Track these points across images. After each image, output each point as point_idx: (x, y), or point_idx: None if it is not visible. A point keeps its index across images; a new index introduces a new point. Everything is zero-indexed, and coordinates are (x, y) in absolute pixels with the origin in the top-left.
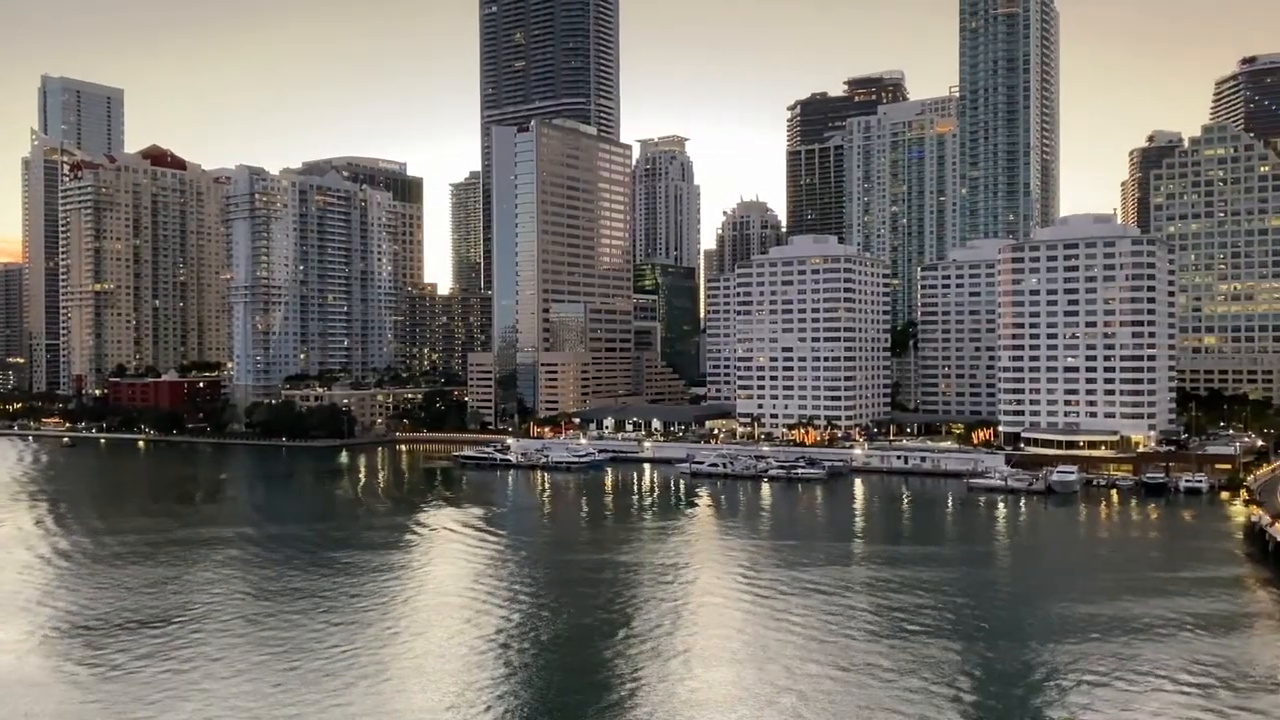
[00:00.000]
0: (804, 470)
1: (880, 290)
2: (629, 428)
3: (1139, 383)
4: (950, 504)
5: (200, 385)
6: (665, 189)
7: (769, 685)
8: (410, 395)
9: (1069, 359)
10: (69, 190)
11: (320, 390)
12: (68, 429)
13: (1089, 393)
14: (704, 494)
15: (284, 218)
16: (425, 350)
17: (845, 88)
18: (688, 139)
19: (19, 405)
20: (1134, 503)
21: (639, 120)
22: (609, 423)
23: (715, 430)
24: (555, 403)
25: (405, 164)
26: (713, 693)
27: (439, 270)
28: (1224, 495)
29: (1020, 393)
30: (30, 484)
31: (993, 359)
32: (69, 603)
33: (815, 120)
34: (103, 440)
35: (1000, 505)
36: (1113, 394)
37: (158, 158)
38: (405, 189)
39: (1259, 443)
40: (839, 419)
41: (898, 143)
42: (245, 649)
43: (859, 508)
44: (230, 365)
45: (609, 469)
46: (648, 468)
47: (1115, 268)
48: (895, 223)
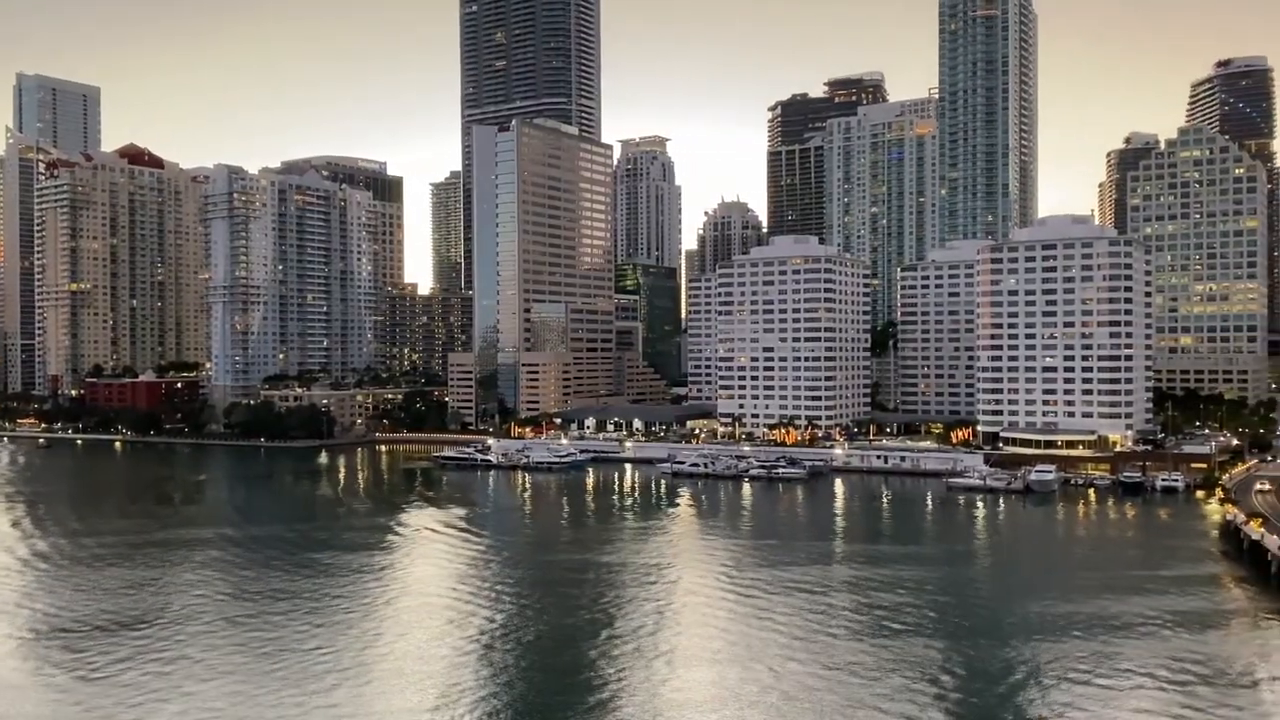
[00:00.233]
0: (785, 470)
1: (860, 291)
2: (610, 428)
3: (1116, 383)
4: (930, 503)
5: (178, 386)
6: (646, 189)
7: (753, 685)
8: (390, 395)
9: (1047, 359)
10: (45, 189)
11: (299, 390)
12: (43, 430)
13: (1067, 393)
14: (685, 494)
15: (263, 217)
16: (405, 350)
17: (826, 89)
18: (669, 139)
19: None
20: (1111, 502)
21: (620, 120)
22: (590, 423)
23: (696, 430)
24: (536, 403)
25: (385, 163)
26: (697, 693)
27: (419, 270)
28: (1200, 494)
29: (999, 392)
30: (6, 485)
31: (972, 359)
32: (47, 605)
33: (796, 121)
34: (79, 441)
35: (979, 504)
36: (1090, 394)
37: (135, 156)
38: (385, 188)
39: (1234, 442)
40: (819, 419)
41: (878, 144)
42: (226, 651)
43: (839, 507)
44: (209, 365)
45: (590, 469)
46: (629, 468)
47: (1093, 268)
48: (875, 223)
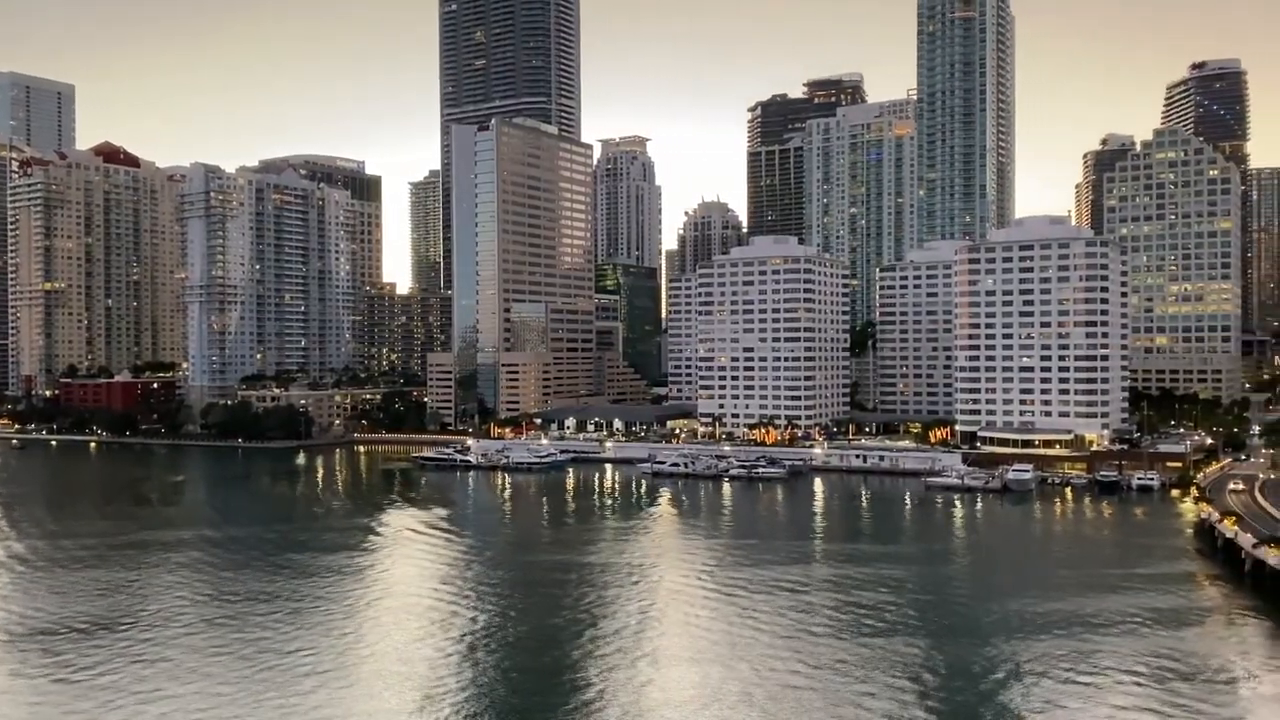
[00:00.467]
0: (765, 470)
1: (839, 291)
2: (590, 428)
3: (1092, 382)
4: (908, 502)
5: (154, 386)
6: (627, 189)
7: (737, 684)
8: (369, 396)
9: (1024, 359)
10: (18, 187)
11: (277, 391)
12: (17, 430)
13: (1044, 392)
14: (665, 494)
15: (240, 216)
16: (384, 350)
17: (805, 89)
18: (649, 139)
19: None
20: (1088, 500)
21: (600, 120)
22: (570, 423)
23: (677, 430)
24: (516, 403)
25: (364, 162)
26: (681, 693)
27: (398, 270)
28: (1175, 493)
29: (976, 392)
30: None
31: (950, 359)
32: (25, 607)
33: (775, 121)
34: (53, 442)
35: (957, 503)
36: (1067, 393)
37: (110, 155)
38: (364, 188)
39: (1208, 441)
40: (799, 418)
41: (856, 144)
42: (207, 653)
43: (819, 506)
44: (185, 366)
45: (570, 469)
46: (609, 468)
47: (1069, 269)
48: (854, 224)
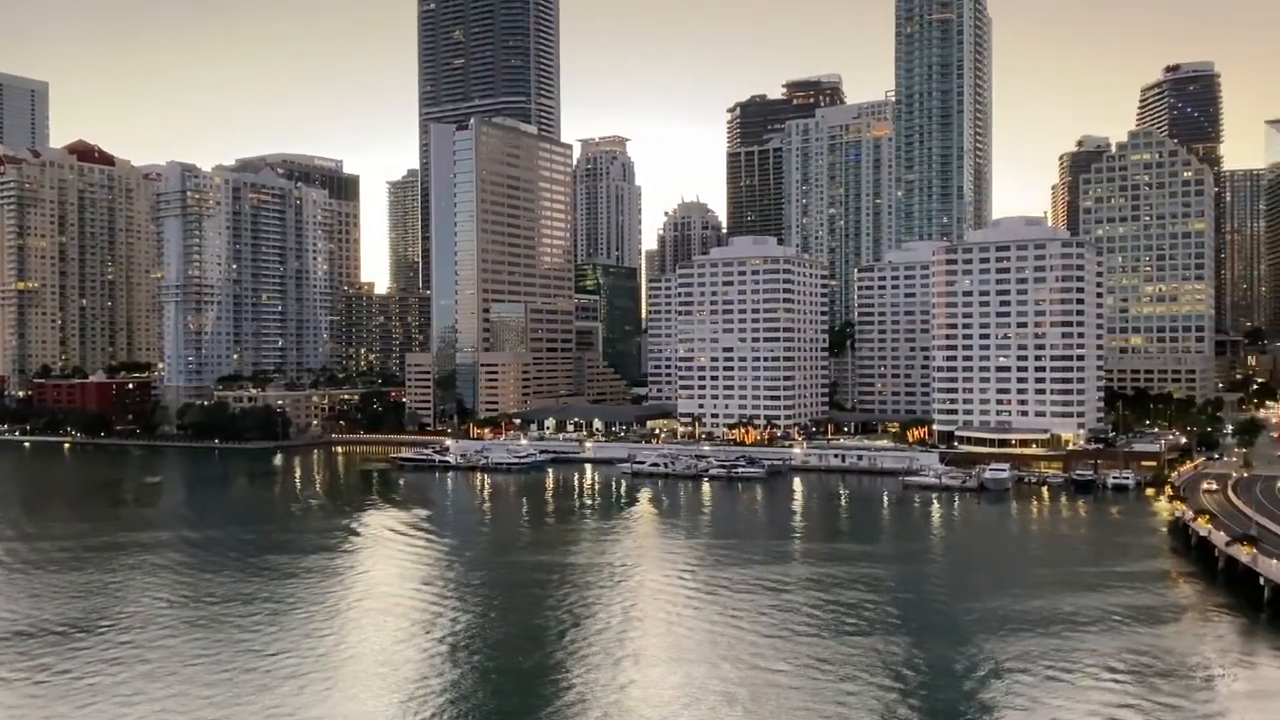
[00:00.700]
0: (744, 469)
1: (818, 291)
2: (570, 428)
3: (1068, 382)
4: (887, 501)
5: (130, 386)
6: (606, 189)
7: (720, 683)
8: (346, 396)
9: (1001, 359)
10: None
11: (254, 391)
12: None
13: (1020, 392)
14: (645, 494)
15: (217, 215)
16: (362, 351)
17: (784, 90)
18: (629, 139)
19: None
20: (1064, 499)
21: (580, 120)
22: (550, 423)
23: (656, 430)
24: (495, 403)
25: (341, 162)
26: (665, 693)
27: (376, 269)
28: (1149, 492)
29: (954, 392)
30: None
31: (927, 359)
32: (0, 609)
33: (755, 122)
34: (26, 443)
35: (935, 502)
36: (1043, 393)
37: (84, 153)
38: (341, 187)
39: (1182, 440)
40: (778, 418)
41: (835, 145)
42: (185, 655)
43: (798, 506)
44: (161, 366)
45: (550, 470)
46: (589, 468)
47: (1045, 269)
48: (833, 224)
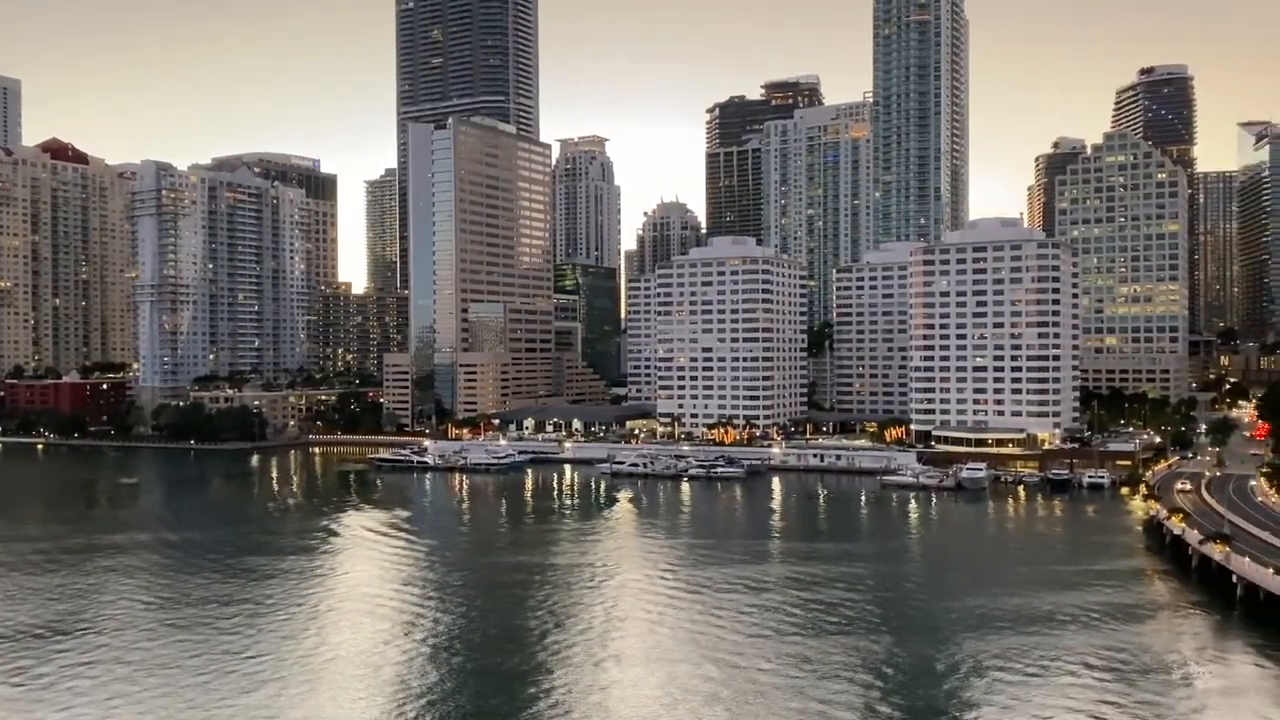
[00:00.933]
0: (723, 469)
1: (797, 291)
2: (549, 428)
3: (1044, 382)
4: (865, 501)
5: (104, 387)
6: (585, 189)
7: (704, 683)
8: (324, 397)
9: (977, 359)
10: None
11: (230, 392)
12: None
13: (996, 392)
14: (625, 494)
15: (192, 215)
16: (339, 351)
17: (762, 91)
18: (608, 139)
19: None
20: (1040, 498)
21: (559, 120)
22: (529, 424)
23: (636, 430)
24: (474, 404)
25: (319, 161)
26: (649, 692)
27: (354, 269)
28: (1124, 491)
29: (931, 392)
30: None
31: (905, 359)
32: None
33: (734, 123)
34: None
35: (913, 502)
36: (1019, 393)
37: (58, 151)
38: (319, 186)
39: (1157, 440)
40: (757, 418)
41: (814, 146)
42: (164, 657)
43: (777, 505)
44: (136, 366)
45: (529, 470)
46: (568, 468)
47: (1022, 270)
48: (811, 225)
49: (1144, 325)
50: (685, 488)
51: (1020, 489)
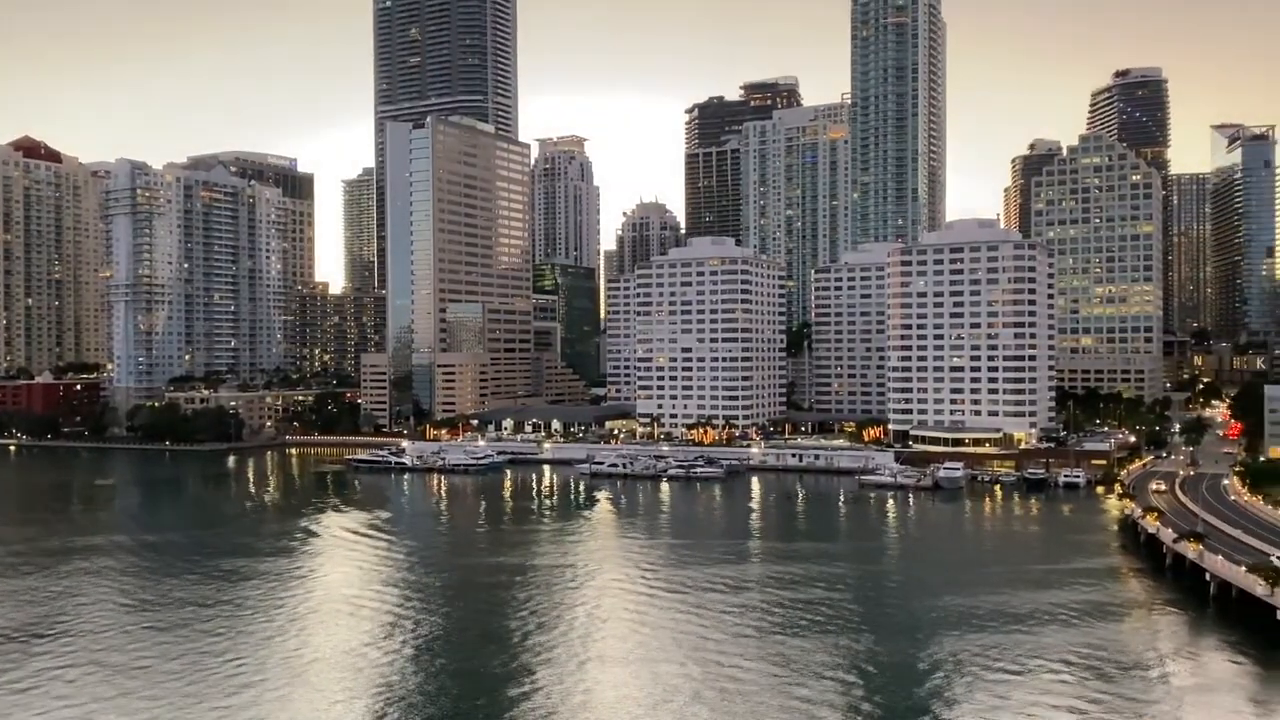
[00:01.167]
0: (702, 469)
1: (776, 292)
2: (528, 429)
3: (1020, 382)
4: (843, 500)
5: (77, 388)
6: (564, 189)
7: (688, 682)
8: (301, 397)
9: (954, 359)
10: None
11: (206, 392)
12: None
13: (973, 392)
14: (604, 495)
15: (168, 214)
16: (316, 351)
17: (741, 92)
18: (587, 139)
19: None
20: (1016, 498)
21: (537, 120)
22: (508, 424)
23: (615, 430)
24: (452, 404)
25: (296, 160)
26: (633, 692)
27: (331, 269)
28: (1100, 490)
29: (909, 392)
30: None
31: (883, 359)
32: None
33: (712, 123)
34: None
35: (890, 501)
36: (996, 393)
37: (30, 149)
38: (296, 185)
39: (1131, 439)
40: (737, 418)
41: (792, 147)
42: (141, 660)
43: (756, 505)
44: (110, 367)
45: (508, 471)
46: (547, 469)
47: (998, 271)
48: (790, 225)
49: (1119, 326)
50: (664, 488)
51: (997, 488)
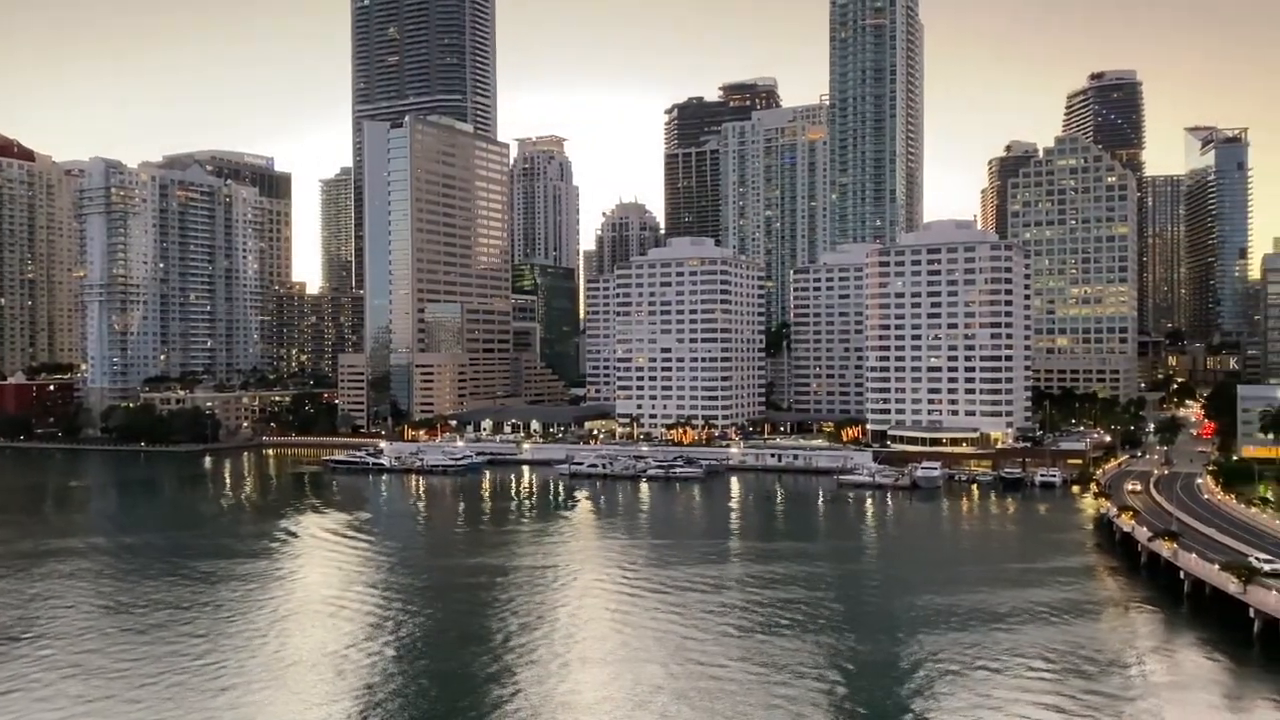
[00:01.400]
0: (682, 470)
1: (755, 292)
2: (507, 429)
3: (997, 382)
4: (821, 500)
5: (51, 388)
6: (544, 189)
7: (672, 682)
8: (277, 398)
9: (932, 359)
10: None
11: (182, 393)
12: None
13: (950, 392)
14: (583, 495)
15: (143, 213)
16: (293, 351)
17: (720, 93)
18: (566, 139)
19: None
20: (993, 497)
21: (516, 120)
22: (487, 424)
23: (594, 431)
24: (431, 405)
25: (273, 159)
26: (617, 692)
27: (308, 269)
28: (1075, 489)
29: (886, 392)
30: None
31: (861, 359)
32: None
33: (692, 124)
34: None
35: (869, 500)
36: (973, 393)
37: (3, 148)
38: (272, 184)
39: (1107, 439)
40: (716, 418)
41: (771, 148)
42: (121, 663)
43: (735, 505)
44: (84, 367)
45: (486, 472)
46: (526, 469)
47: (975, 271)
48: (769, 226)
49: (1094, 326)
50: (644, 488)
51: (974, 488)
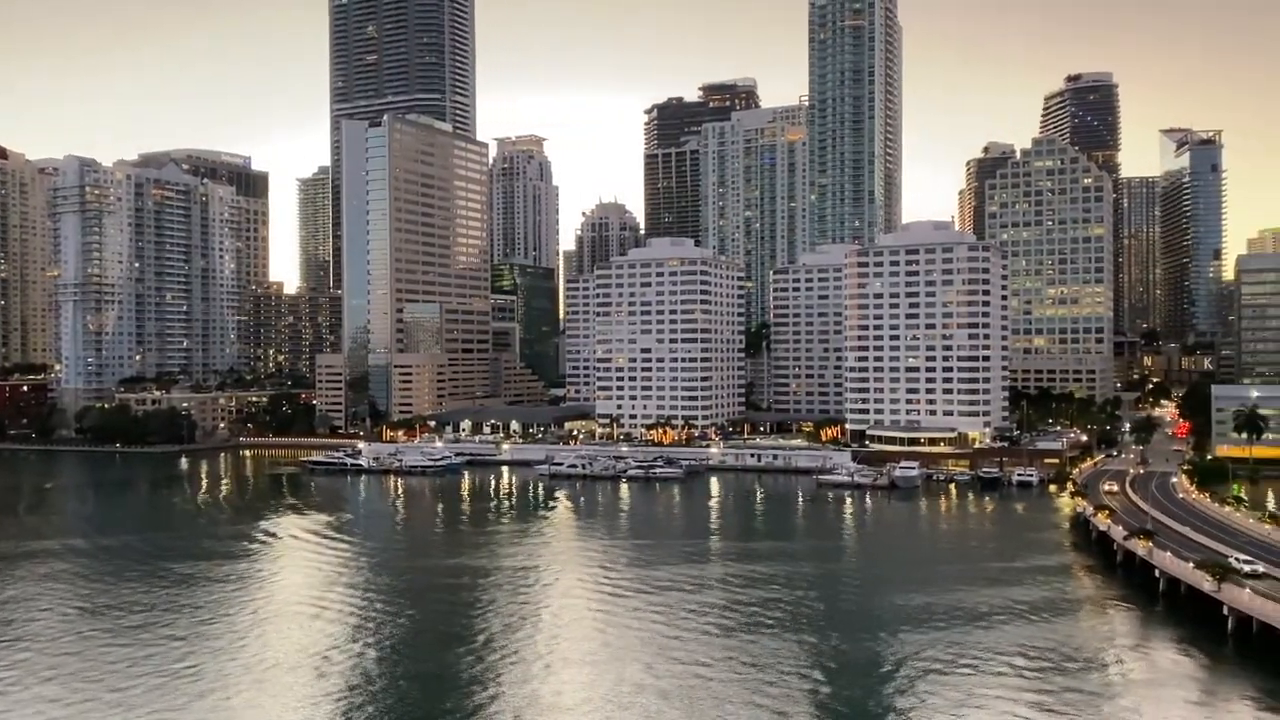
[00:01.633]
0: (662, 470)
1: (735, 292)
2: (486, 430)
3: (975, 382)
4: (801, 500)
5: (24, 389)
6: (523, 188)
7: (654, 681)
8: (255, 398)
9: (910, 359)
10: None
11: (158, 393)
12: None
13: (929, 392)
14: (563, 495)
15: (118, 212)
16: (270, 351)
17: (700, 93)
18: (546, 139)
19: None
20: (971, 496)
21: (496, 119)
22: (466, 425)
23: (574, 431)
24: (409, 405)
25: (250, 158)
26: (600, 691)
27: (286, 268)
28: (1052, 488)
29: (865, 392)
30: None
31: (840, 359)
32: None
33: (671, 124)
34: None
35: (848, 500)
36: (951, 393)
37: None
38: (250, 183)
39: (1083, 438)
40: (696, 419)
41: (751, 149)
42: (95, 667)
43: (715, 505)
44: (58, 367)
45: (465, 472)
46: (506, 470)
47: (953, 272)
48: (749, 226)
49: (1070, 326)
50: (624, 488)
51: (952, 487)
